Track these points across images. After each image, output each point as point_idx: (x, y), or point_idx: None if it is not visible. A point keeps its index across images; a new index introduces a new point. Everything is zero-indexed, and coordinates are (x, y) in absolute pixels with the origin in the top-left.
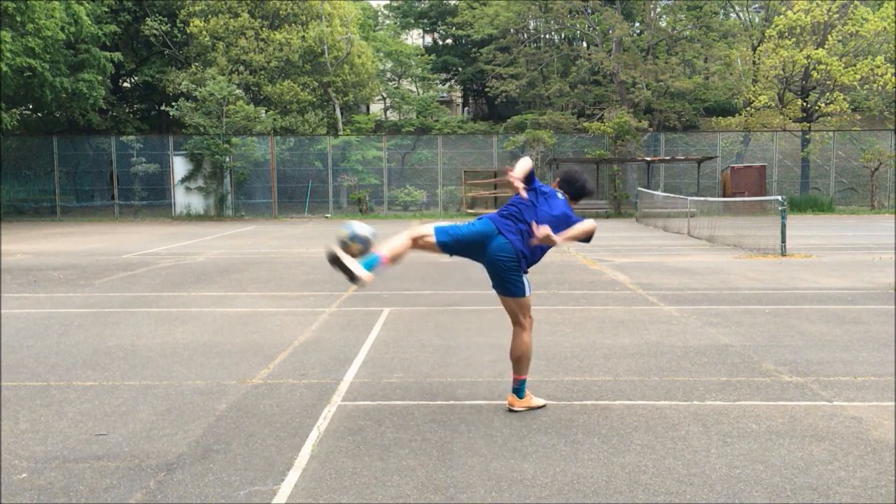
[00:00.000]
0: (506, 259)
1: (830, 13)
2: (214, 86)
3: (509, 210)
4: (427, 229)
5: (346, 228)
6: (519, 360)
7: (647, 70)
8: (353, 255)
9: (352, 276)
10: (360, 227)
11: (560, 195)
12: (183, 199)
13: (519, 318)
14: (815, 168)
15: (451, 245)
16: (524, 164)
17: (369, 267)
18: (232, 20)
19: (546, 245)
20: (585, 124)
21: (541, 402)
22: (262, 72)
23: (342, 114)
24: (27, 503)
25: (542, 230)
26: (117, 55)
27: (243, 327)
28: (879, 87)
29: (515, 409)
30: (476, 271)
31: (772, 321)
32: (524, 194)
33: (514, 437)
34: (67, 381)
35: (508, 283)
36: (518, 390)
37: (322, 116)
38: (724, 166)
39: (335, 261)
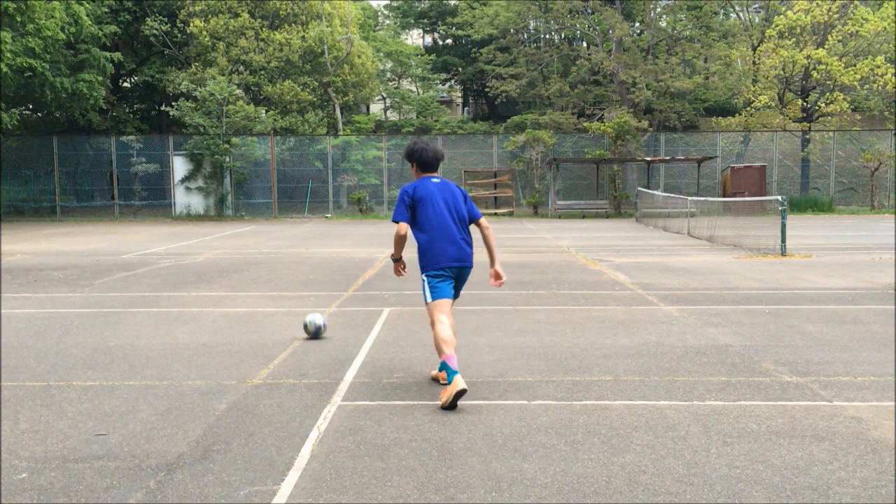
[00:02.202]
0: (468, 274)
1: (830, 13)
2: (215, 86)
3: (439, 234)
4: (435, 317)
5: (314, 323)
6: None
7: (647, 70)
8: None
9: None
10: (321, 318)
11: (437, 179)
12: (183, 199)
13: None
14: (815, 168)
15: (449, 289)
16: (399, 242)
17: (451, 373)
18: (232, 20)
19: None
20: (585, 124)
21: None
22: (262, 72)
23: (342, 114)
24: (27, 503)
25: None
26: (117, 55)
27: (243, 327)
28: (879, 87)
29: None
30: (476, 272)
31: (772, 321)
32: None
33: (514, 437)
34: (67, 381)
35: (461, 288)
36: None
37: (322, 116)
38: (724, 166)
39: (461, 394)
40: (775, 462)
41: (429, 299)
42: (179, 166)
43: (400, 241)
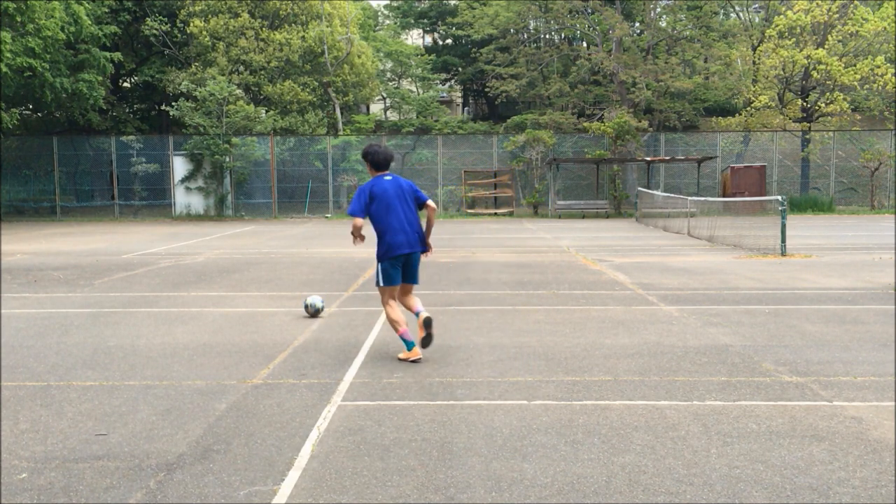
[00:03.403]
0: (418, 257)
1: (830, 13)
2: (215, 86)
3: (391, 223)
4: (385, 300)
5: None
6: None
7: (647, 70)
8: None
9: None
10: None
11: (388, 177)
12: (183, 199)
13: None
14: (815, 168)
15: (398, 275)
16: (357, 225)
17: (409, 343)
18: (232, 20)
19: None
20: (585, 124)
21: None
22: (263, 72)
23: (342, 114)
24: (27, 503)
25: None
26: (117, 55)
27: (243, 327)
28: (879, 87)
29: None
30: (476, 272)
31: (772, 321)
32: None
33: (514, 437)
34: (67, 381)
35: (417, 270)
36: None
37: (322, 116)
38: (724, 166)
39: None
40: (775, 462)
41: (381, 283)
42: (179, 166)
43: (357, 232)
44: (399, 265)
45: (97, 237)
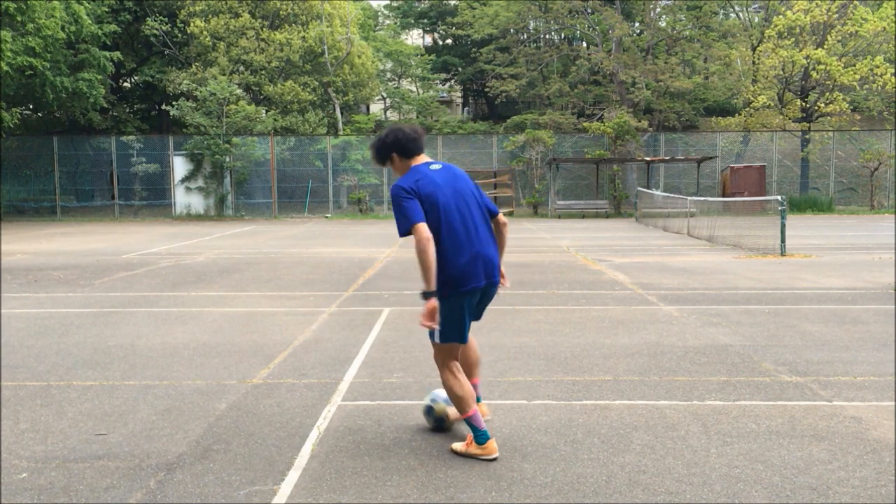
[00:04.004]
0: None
1: (830, 13)
2: (216, 86)
3: (457, 234)
4: (446, 364)
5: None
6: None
7: (646, 70)
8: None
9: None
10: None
11: (437, 165)
12: (183, 199)
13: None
14: (814, 168)
15: (468, 324)
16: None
17: (482, 435)
18: (233, 20)
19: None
20: (585, 124)
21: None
22: (263, 72)
23: (342, 113)
24: (27, 503)
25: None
26: (117, 54)
27: (243, 327)
28: (879, 87)
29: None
30: None
31: (772, 321)
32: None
33: (514, 437)
34: (67, 381)
35: (485, 308)
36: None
37: (322, 116)
38: (723, 166)
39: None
40: (775, 462)
41: (438, 338)
42: (179, 166)
43: (430, 255)
44: (471, 305)
45: (97, 237)
